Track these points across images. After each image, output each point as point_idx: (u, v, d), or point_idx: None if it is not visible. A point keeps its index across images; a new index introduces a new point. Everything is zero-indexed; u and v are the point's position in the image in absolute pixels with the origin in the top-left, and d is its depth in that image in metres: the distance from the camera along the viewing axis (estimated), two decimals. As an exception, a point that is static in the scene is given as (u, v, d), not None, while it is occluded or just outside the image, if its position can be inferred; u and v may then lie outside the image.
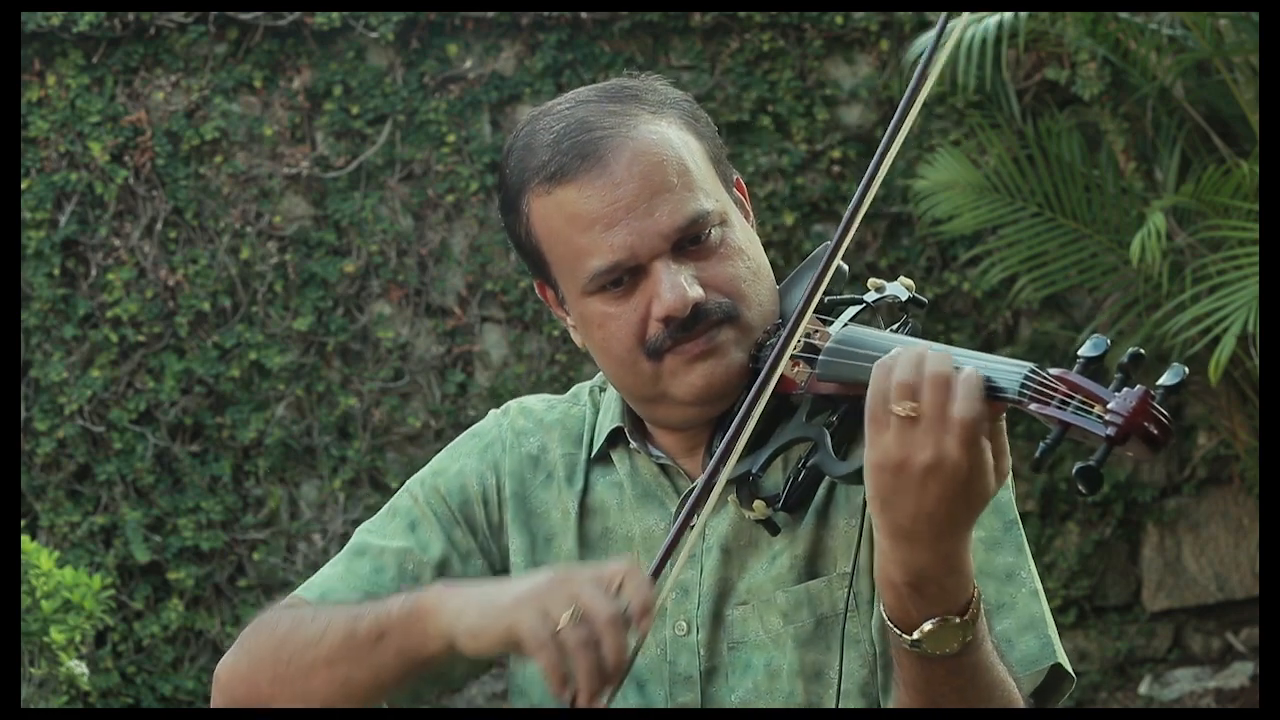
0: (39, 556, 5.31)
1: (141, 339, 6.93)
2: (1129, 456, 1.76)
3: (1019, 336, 7.12)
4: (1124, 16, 6.39)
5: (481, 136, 7.03)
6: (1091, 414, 1.76)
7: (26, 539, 5.44)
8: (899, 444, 1.82)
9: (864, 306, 2.07)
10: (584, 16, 6.97)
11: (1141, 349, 1.78)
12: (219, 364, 6.94)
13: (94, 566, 6.70)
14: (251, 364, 6.96)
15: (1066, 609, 7.06)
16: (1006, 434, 1.88)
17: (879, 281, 2.10)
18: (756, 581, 2.14)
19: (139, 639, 6.91)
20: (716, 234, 2.12)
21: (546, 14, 6.96)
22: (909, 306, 2.08)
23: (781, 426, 2.08)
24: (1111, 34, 6.49)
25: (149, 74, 6.97)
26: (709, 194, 2.12)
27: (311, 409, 7.01)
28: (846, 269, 2.13)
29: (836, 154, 7.08)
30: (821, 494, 2.12)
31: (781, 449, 2.08)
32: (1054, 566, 7.06)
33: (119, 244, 6.95)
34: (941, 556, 1.85)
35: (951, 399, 1.81)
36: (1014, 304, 7.02)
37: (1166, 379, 1.76)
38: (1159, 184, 6.71)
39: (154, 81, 6.96)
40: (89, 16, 6.82)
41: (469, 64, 7.03)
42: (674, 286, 2.08)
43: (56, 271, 6.89)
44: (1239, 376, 6.59)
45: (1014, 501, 2.17)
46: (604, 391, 2.29)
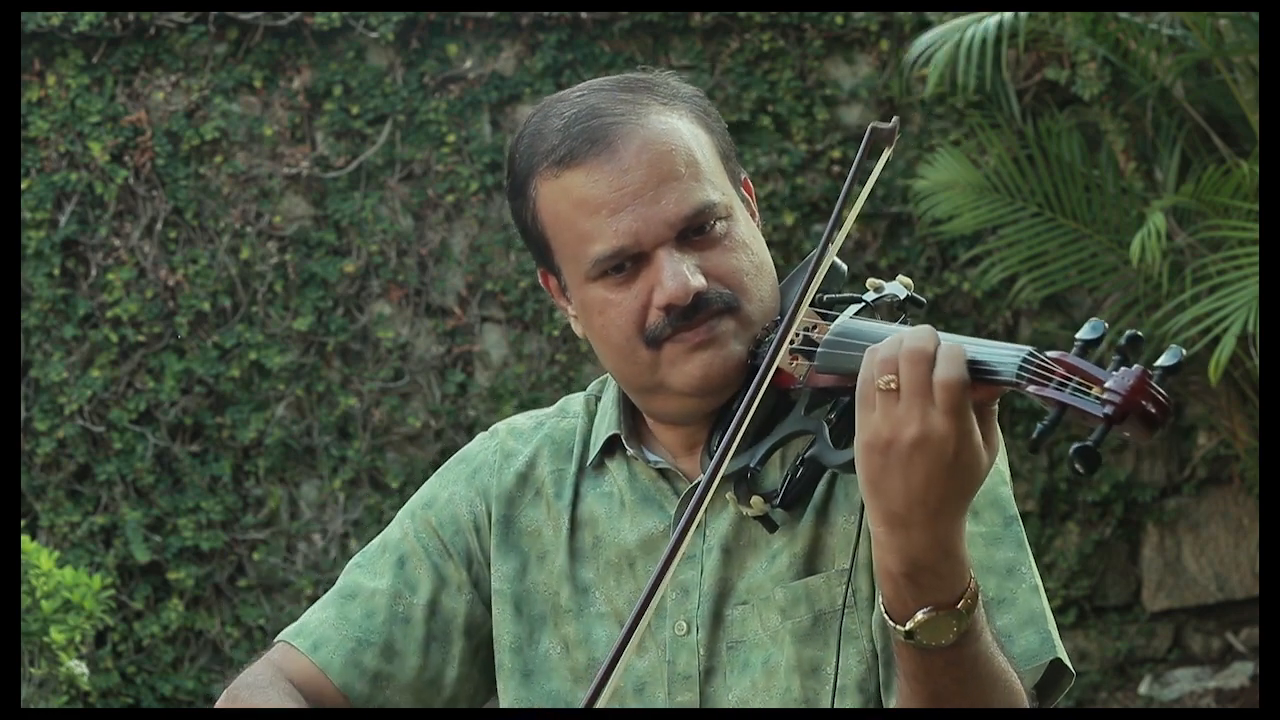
0: (39, 556, 5.31)
1: (141, 339, 6.94)
2: (1127, 437, 1.77)
3: (1019, 336, 7.12)
4: (1124, 16, 6.38)
5: (481, 136, 7.03)
6: (1090, 395, 1.76)
7: (26, 539, 5.44)
8: (884, 420, 1.83)
9: (863, 306, 2.08)
10: (584, 16, 6.97)
11: (1140, 332, 1.79)
12: (219, 364, 6.94)
13: (94, 566, 6.71)
14: (251, 364, 6.96)
15: (1066, 609, 7.06)
16: (999, 428, 1.88)
17: (877, 281, 2.10)
18: (756, 581, 2.14)
19: (139, 639, 6.91)
20: (721, 226, 2.12)
21: (546, 14, 6.96)
22: (907, 305, 2.09)
23: (780, 421, 2.08)
24: (1111, 34, 6.49)
25: (149, 74, 6.97)
26: (716, 186, 2.13)
27: (311, 409, 7.01)
28: (845, 268, 2.14)
29: (836, 154, 7.08)
30: (820, 492, 2.13)
31: (780, 443, 2.09)
32: (1054, 566, 7.06)
33: (119, 244, 6.95)
34: (935, 542, 1.85)
35: (931, 371, 1.81)
36: (1014, 304, 7.02)
37: (1165, 359, 1.77)
38: (1159, 184, 6.71)
39: (154, 81, 6.97)
40: (89, 16, 6.82)
41: (469, 64, 7.03)
42: (676, 275, 2.08)
43: (56, 271, 6.89)
44: (1239, 376, 6.59)
45: (1013, 498, 2.17)
46: (599, 400, 2.29)
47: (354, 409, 7.02)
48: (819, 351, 2.03)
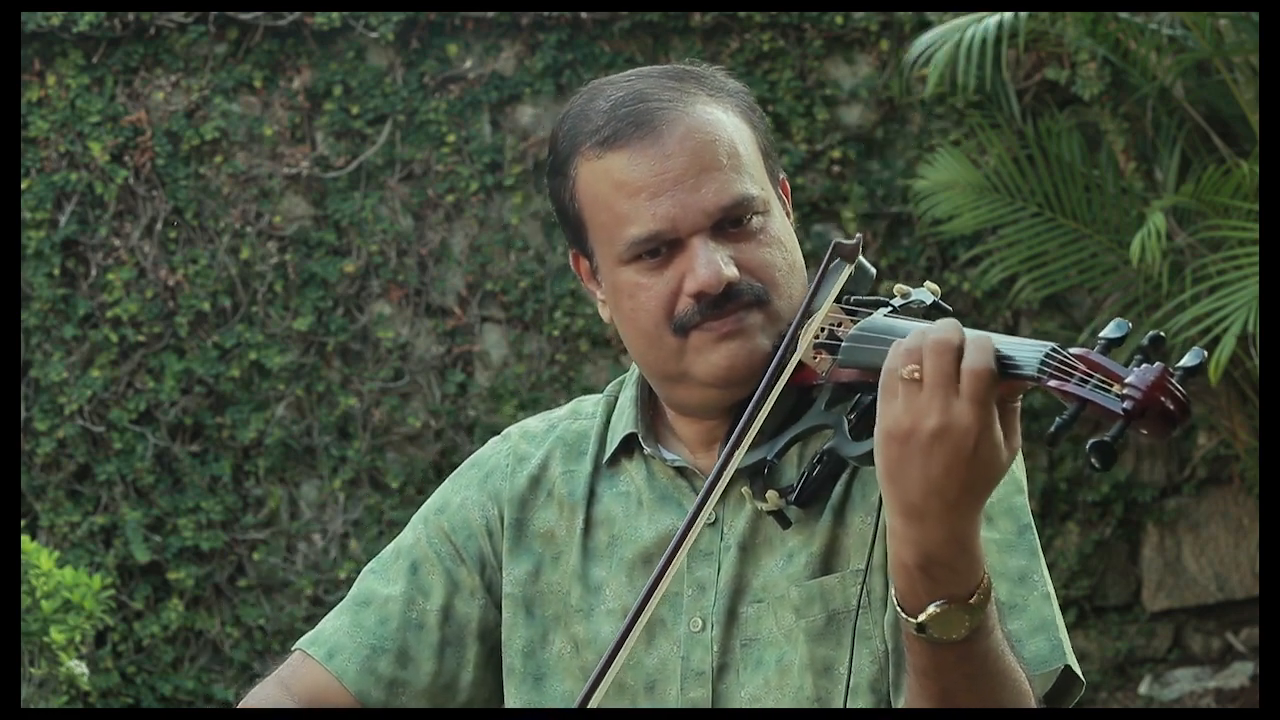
0: (39, 556, 5.31)
1: (141, 339, 6.94)
2: (1144, 435, 1.77)
3: (1019, 336, 7.12)
4: (1124, 16, 6.39)
5: (481, 136, 7.03)
6: (1110, 392, 1.78)
7: (26, 539, 5.44)
8: (906, 409, 1.84)
9: (891, 310, 2.09)
10: (584, 16, 6.96)
11: (1162, 333, 1.80)
12: (219, 364, 6.94)
13: (94, 566, 6.71)
14: (251, 364, 6.96)
15: (1066, 609, 7.06)
16: (1019, 417, 1.89)
17: (904, 287, 2.12)
18: (772, 579, 2.15)
19: (139, 639, 6.91)
20: (758, 221, 2.13)
21: (546, 14, 6.96)
22: (932, 312, 2.10)
23: (800, 416, 2.09)
24: (1111, 34, 6.49)
25: (149, 74, 6.97)
26: (755, 181, 2.14)
27: (311, 409, 7.01)
28: (874, 271, 2.16)
29: (836, 154, 7.08)
30: (838, 492, 2.13)
31: (798, 437, 2.09)
32: (1054, 566, 7.06)
33: (119, 244, 6.95)
34: (950, 534, 1.85)
35: (957, 361, 1.83)
36: (1014, 304, 7.02)
37: (1187, 360, 1.79)
38: (1159, 184, 6.71)
39: (154, 81, 6.97)
40: (89, 16, 6.82)
41: (469, 64, 7.03)
42: (710, 263, 2.09)
43: (56, 271, 6.89)
44: (1239, 376, 6.59)
45: (1029, 507, 2.18)
46: (618, 399, 2.29)
47: (354, 409, 7.02)
48: (843, 346, 2.04)
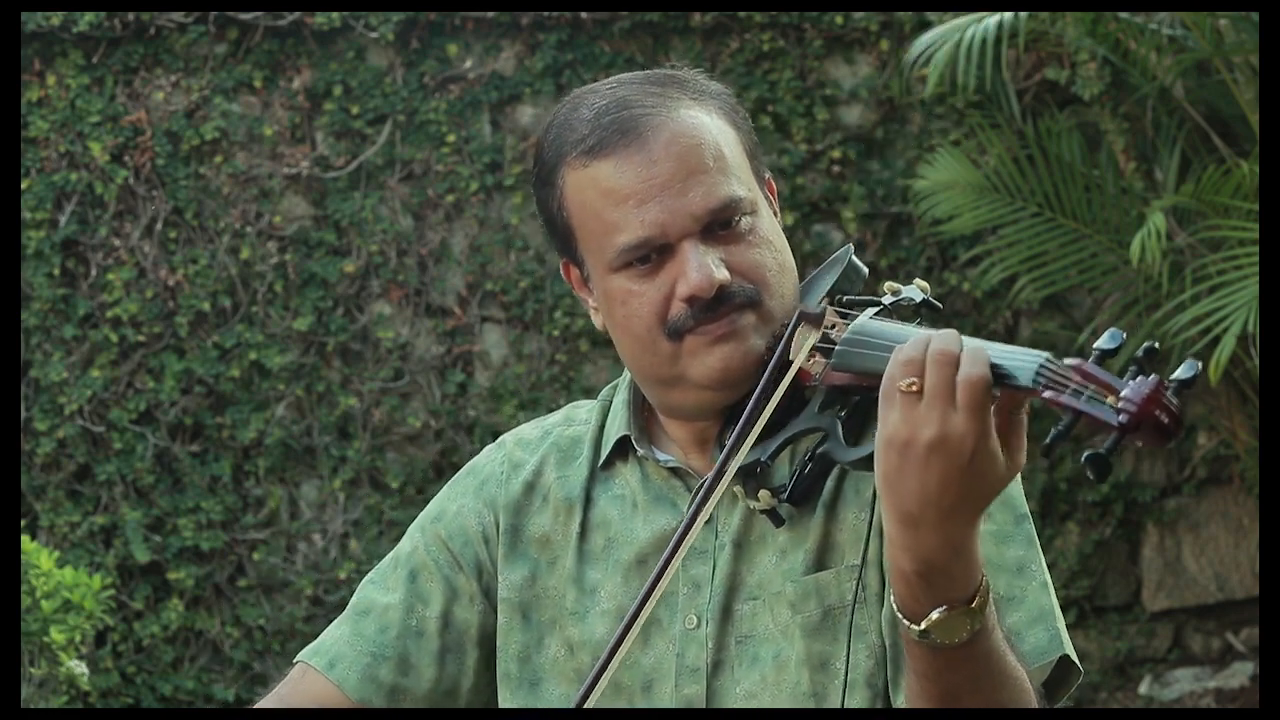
0: (39, 556, 5.31)
1: (141, 339, 6.94)
2: (1139, 446, 1.78)
3: (1019, 336, 7.12)
4: (1124, 16, 6.39)
5: (481, 136, 7.03)
6: (1105, 403, 1.78)
7: (26, 539, 5.44)
8: (904, 420, 1.84)
9: (880, 308, 2.10)
10: (584, 16, 6.97)
11: (1156, 344, 1.80)
12: (219, 364, 6.94)
13: (94, 566, 6.71)
14: (251, 364, 6.96)
15: (1066, 609, 7.06)
16: (1025, 430, 1.89)
17: (895, 285, 2.12)
18: (766, 576, 2.15)
19: (139, 639, 6.91)
20: (746, 222, 2.14)
21: (546, 14, 6.96)
22: (923, 309, 2.11)
23: (793, 418, 2.11)
24: (1111, 34, 6.49)
25: (149, 74, 6.97)
26: (742, 182, 2.15)
27: (311, 409, 7.01)
28: (866, 270, 2.17)
29: (836, 154, 7.08)
30: (830, 488, 2.14)
31: (792, 439, 2.11)
32: (1054, 566, 7.06)
33: (119, 244, 6.95)
34: (948, 542, 1.86)
35: (955, 373, 1.83)
36: (1014, 304, 7.02)
37: (1181, 372, 1.79)
38: (1159, 184, 6.71)
39: (154, 81, 6.97)
40: (89, 16, 6.82)
41: (469, 64, 7.03)
42: (701, 267, 2.10)
43: (56, 271, 6.89)
44: (1239, 376, 6.59)
45: (1024, 496, 2.19)
46: (611, 403, 2.30)
47: (354, 409, 7.02)
48: (836, 350, 2.05)
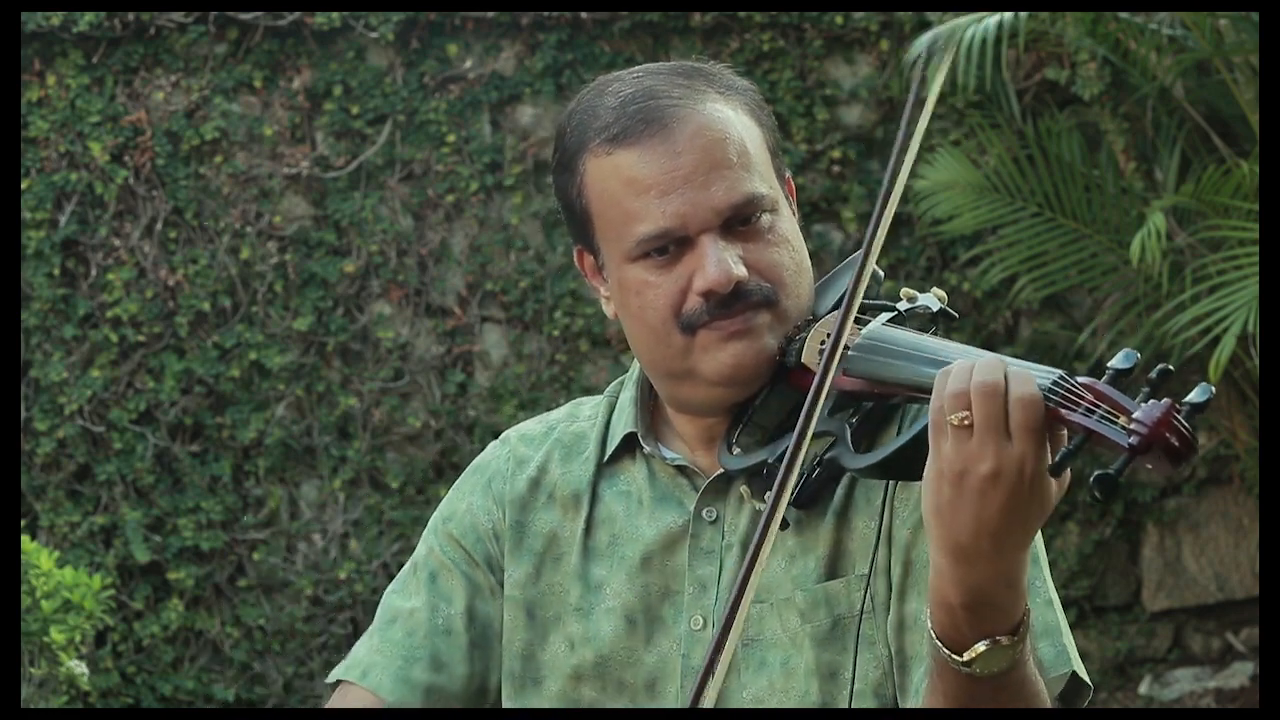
0: (39, 556, 5.31)
1: (141, 339, 6.94)
2: (1149, 469, 1.77)
3: (1019, 337, 7.12)
4: (1124, 16, 6.38)
5: (481, 136, 7.03)
6: (1116, 424, 1.77)
7: (26, 539, 5.44)
8: (957, 453, 1.82)
9: (895, 314, 2.09)
10: (584, 16, 6.96)
11: (1170, 365, 1.79)
12: (219, 364, 6.94)
13: (94, 566, 6.71)
14: (251, 364, 6.96)
15: (1067, 609, 7.00)
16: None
17: (911, 291, 2.11)
18: (775, 579, 2.15)
19: (139, 639, 6.91)
20: (767, 219, 2.14)
21: (546, 14, 6.95)
22: (938, 319, 2.10)
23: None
24: (1111, 34, 6.49)
25: (149, 74, 6.97)
26: (764, 179, 2.14)
27: (311, 409, 7.01)
28: (882, 274, 2.16)
29: (836, 154, 7.08)
30: (841, 496, 2.13)
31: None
32: (1054, 566, 7.06)
33: (119, 244, 6.95)
34: (1000, 574, 1.84)
35: (1006, 406, 1.81)
36: (1014, 304, 7.02)
37: (1194, 396, 1.77)
38: (1159, 184, 6.71)
39: (154, 81, 6.97)
40: (89, 16, 6.82)
41: (469, 64, 7.03)
42: (719, 262, 2.09)
43: (56, 271, 6.89)
44: (1239, 376, 6.59)
45: None
46: (618, 399, 2.29)
47: (354, 409, 7.02)
48: (850, 355, 2.04)
